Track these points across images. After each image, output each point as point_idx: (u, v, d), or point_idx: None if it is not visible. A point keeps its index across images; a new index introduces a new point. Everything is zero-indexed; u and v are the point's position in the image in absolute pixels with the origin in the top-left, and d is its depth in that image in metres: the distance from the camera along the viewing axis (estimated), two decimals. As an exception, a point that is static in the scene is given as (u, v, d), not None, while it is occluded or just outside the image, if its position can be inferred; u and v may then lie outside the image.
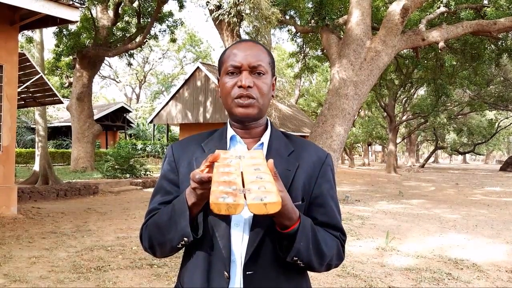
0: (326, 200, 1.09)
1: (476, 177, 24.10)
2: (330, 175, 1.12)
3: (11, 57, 6.74)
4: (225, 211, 0.79)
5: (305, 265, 0.99)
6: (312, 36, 14.01)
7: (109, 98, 48.78)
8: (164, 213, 1.03)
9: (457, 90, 23.31)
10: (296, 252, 0.95)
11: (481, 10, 11.33)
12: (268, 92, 1.08)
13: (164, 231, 1.02)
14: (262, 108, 1.08)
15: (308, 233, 0.96)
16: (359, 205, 9.83)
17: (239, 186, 0.83)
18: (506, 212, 9.44)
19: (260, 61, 1.06)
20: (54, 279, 3.80)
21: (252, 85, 1.05)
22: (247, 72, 1.05)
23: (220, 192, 0.81)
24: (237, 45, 1.10)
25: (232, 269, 1.00)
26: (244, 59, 1.05)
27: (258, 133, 1.12)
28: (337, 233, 1.09)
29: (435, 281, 4.18)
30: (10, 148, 6.72)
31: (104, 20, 16.06)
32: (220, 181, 0.84)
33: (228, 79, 1.07)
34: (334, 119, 8.66)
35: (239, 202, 0.79)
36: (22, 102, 10.96)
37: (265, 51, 1.10)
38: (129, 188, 11.61)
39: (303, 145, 1.14)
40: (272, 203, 0.79)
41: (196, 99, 19.69)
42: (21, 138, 23.04)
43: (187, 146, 1.14)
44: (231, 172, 0.87)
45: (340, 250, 1.08)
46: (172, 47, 41.48)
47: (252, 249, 0.99)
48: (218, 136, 1.14)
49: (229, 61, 1.07)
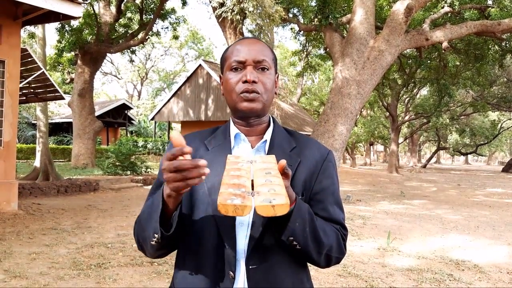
0: (326, 195, 1.08)
1: (478, 178, 24.05)
2: (331, 172, 1.12)
3: (14, 52, 6.73)
4: (232, 213, 0.79)
5: (302, 249, 0.97)
6: (315, 34, 13.97)
7: (110, 94, 48.77)
8: (145, 208, 1.02)
9: (460, 90, 23.27)
10: (291, 232, 0.94)
11: (485, 10, 11.28)
12: (272, 88, 1.08)
13: (143, 227, 0.99)
14: (266, 104, 1.08)
15: (304, 216, 0.95)
16: (360, 205, 9.81)
17: (248, 189, 0.83)
18: (508, 214, 9.41)
19: (264, 56, 1.07)
20: (54, 276, 3.79)
21: (257, 80, 1.04)
22: (252, 67, 1.05)
23: (228, 194, 0.81)
24: (240, 42, 1.10)
25: (237, 268, 0.99)
26: (248, 54, 1.05)
27: (261, 131, 1.11)
28: (337, 226, 1.08)
29: (436, 282, 4.16)
30: (11, 144, 6.71)
31: (106, 16, 16.03)
32: (229, 183, 0.84)
33: (232, 75, 1.06)
34: (337, 118, 8.63)
35: (246, 204, 0.79)
36: (23, 97, 10.95)
37: (268, 47, 1.11)
38: (130, 185, 11.60)
39: (305, 142, 1.13)
40: (280, 205, 0.79)
41: (198, 96, 19.67)
42: (22, 134, 23.06)
43: (190, 143, 1.12)
44: (241, 175, 0.87)
45: (341, 242, 1.07)
46: (174, 44, 41.48)
47: (254, 242, 0.98)
48: (222, 134, 1.13)
49: (233, 57, 1.07)
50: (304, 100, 32.16)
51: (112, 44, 16.14)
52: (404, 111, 27.83)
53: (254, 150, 1.09)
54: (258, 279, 0.99)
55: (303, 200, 1.04)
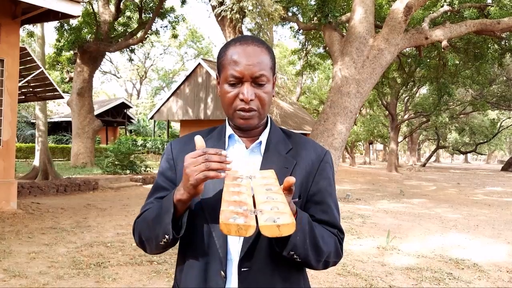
0: (324, 197, 1.08)
1: (477, 177, 24.07)
2: (328, 173, 1.11)
3: (13, 51, 6.71)
4: (235, 233, 0.76)
5: (302, 260, 0.97)
6: (314, 33, 13.95)
7: (109, 93, 48.74)
8: (153, 209, 1.04)
9: (460, 89, 23.25)
10: (292, 246, 0.93)
11: (484, 9, 11.26)
12: (269, 101, 1.06)
13: (151, 227, 1.01)
14: (263, 116, 1.07)
15: (305, 227, 0.95)
16: (360, 204, 9.81)
17: (250, 207, 0.81)
18: (508, 212, 9.42)
19: (262, 70, 1.02)
20: (53, 275, 3.78)
21: (254, 97, 1.02)
22: (249, 84, 1.02)
23: (230, 212, 0.78)
24: (237, 48, 1.03)
25: (229, 268, 1.00)
26: (246, 69, 1.01)
27: (257, 132, 1.11)
28: (334, 230, 1.07)
29: (436, 280, 4.16)
30: (10, 143, 6.70)
31: (105, 15, 16.00)
32: (230, 201, 0.82)
33: (229, 88, 1.03)
34: (336, 117, 8.62)
35: (250, 224, 0.76)
36: (22, 96, 10.92)
37: (267, 52, 1.05)
38: (129, 184, 11.60)
39: (301, 143, 1.12)
40: (285, 224, 0.76)
41: (197, 95, 19.65)
42: (21, 133, 23.02)
43: (186, 145, 1.13)
44: (241, 191, 0.85)
45: (338, 247, 1.07)
46: (173, 43, 41.42)
47: (248, 245, 0.98)
48: (217, 135, 1.13)
49: (230, 70, 1.02)
50: (303, 99, 32.13)
51: (111, 43, 16.11)
52: (404, 110, 27.83)
53: (248, 151, 1.08)
54: (250, 281, 0.99)
55: (300, 202, 1.04)
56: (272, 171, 0.95)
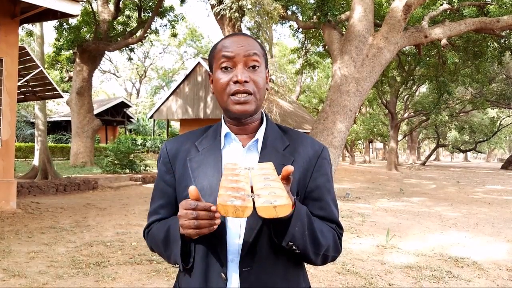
0: (322, 193, 1.07)
1: (477, 175, 24.07)
2: (326, 169, 1.10)
3: (12, 50, 6.70)
4: (232, 214, 0.77)
5: (301, 252, 0.97)
6: (314, 32, 13.94)
7: (109, 92, 48.74)
8: (160, 231, 1.06)
9: (459, 87, 23.24)
10: (291, 237, 0.92)
11: (484, 7, 11.25)
12: (264, 85, 1.05)
13: (161, 248, 1.06)
14: (259, 103, 1.05)
15: (303, 219, 0.94)
16: (359, 203, 9.82)
17: (247, 192, 0.82)
18: (507, 211, 9.42)
19: (254, 50, 1.02)
20: (53, 274, 3.78)
21: (248, 79, 1.01)
22: (242, 66, 1.01)
23: (228, 196, 0.79)
24: (227, 38, 1.06)
25: (230, 269, 0.99)
26: (237, 48, 1.01)
27: (253, 129, 1.09)
28: (333, 225, 1.07)
29: (436, 279, 4.16)
30: (9, 142, 6.70)
31: (104, 14, 15.98)
32: (228, 187, 0.83)
33: (222, 74, 1.02)
34: (336, 116, 8.62)
35: (247, 205, 0.77)
36: (21, 96, 10.92)
37: (257, 42, 1.07)
38: (129, 183, 11.59)
39: (299, 139, 1.11)
40: (282, 205, 0.77)
41: (197, 94, 19.64)
42: (20, 133, 23.02)
43: (181, 145, 1.12)
44: (239, 180, 0.86)
45: (337, 241, 1.06)
46: (173, 42, 41.40)
47: (248, 245, 0.97)
48: (212, 134, 1.11)
49: (222, 53, 1.03)
50: (303, 98, 32.11)
51: (111, 42, 16.09)
52: (403, 109, 27.83)
53: (245, 149, 1.07)
54: (252, 281, 0.98)
55: (299, 199, 1.03)
56: (271, 163, 0.95)
